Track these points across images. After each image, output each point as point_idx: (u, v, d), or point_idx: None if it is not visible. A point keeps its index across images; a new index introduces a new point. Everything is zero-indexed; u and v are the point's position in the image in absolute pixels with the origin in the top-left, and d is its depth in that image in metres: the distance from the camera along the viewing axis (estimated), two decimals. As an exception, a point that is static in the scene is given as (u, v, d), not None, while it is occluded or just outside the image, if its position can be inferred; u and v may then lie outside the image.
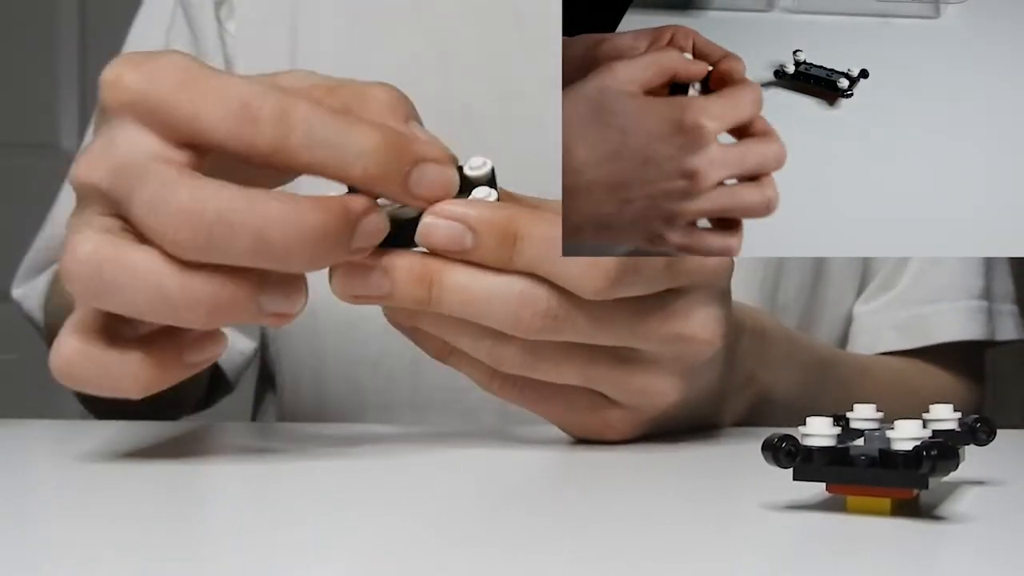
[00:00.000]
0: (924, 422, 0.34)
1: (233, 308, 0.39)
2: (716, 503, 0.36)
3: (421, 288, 0.41)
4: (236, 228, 0.37)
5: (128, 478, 0.39)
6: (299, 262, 0.38)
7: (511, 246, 0.40)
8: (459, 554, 0.28)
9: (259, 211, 0.37)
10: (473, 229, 0.40)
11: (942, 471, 0.31)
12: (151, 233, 0.38)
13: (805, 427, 0.32)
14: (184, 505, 0.36)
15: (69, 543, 0.29)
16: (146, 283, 0.38)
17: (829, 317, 0.72)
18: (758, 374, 0.54)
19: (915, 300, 0.72)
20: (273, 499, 0.36)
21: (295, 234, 0.37)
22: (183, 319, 0.39)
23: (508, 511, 0.34)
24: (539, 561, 0.28)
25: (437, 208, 0.40)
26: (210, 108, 0.38)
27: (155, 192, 0.38)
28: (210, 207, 0.37)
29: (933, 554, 0.29)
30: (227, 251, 0.37)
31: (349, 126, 0.39)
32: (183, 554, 0.28)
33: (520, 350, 0.42)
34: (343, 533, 0.31)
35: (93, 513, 0.34)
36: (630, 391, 0.45)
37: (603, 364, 0.44)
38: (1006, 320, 0.74)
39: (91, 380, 0.40)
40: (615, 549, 0.29)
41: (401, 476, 0.40)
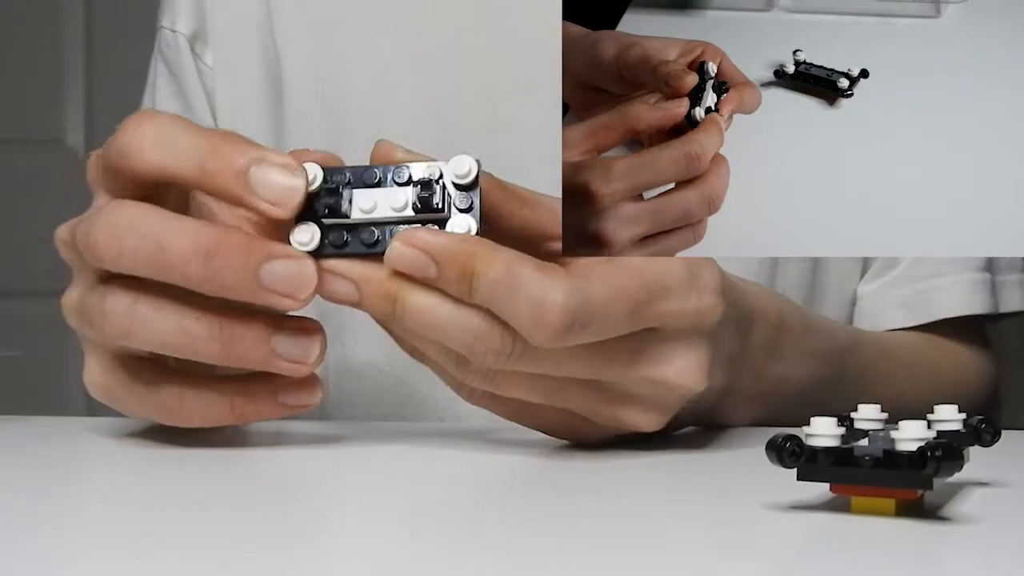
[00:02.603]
0: (928, 423, 0.34)
1: (246, 344, 0.42)
2: (720, 503, 0.37)
3: (386, 304, 0.41)
4: (144, 237, 0.41)
5: (135, 472, 0.40)
6: (196, 272, 0.41)
7: (468, 282, 0.40)
8: (459, 555, 0.28)
9: (164, 223, 0.41)
10: (436, 261, 0.40)
11: (946, 472, 0.31)
12: (88, 257, 0.42)
13: (809, 427, 0.32)
14: (187, 496, 0.36)
15: (84, 535, 0.29)
16: (168, 318, 0.42)
17: (832, 301, 0.71)
18: (768, 369, 0.53)
19: (918, 276, 0.71)
20: (276, 494, 0.37)
21: (190, 246, 0.41)
22: (202, 352, 0.42)
23: (509, 512, 0.34)
24: (540, 561, 0.28)
25: (406, 235, 0.41)
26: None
27: (91, 216, 0.43)
28: (125, 219, 0.42)
29: (937, 555, 0.29)
30: (135, 258, 0.41)
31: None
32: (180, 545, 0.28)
33: (483, 371, 0.42)
34: (339, 530, 0.31)
35: (106, 506, 0.34)
36: (603, 418, 0.44)
37: (573, 391, 0.43)
38: (1012, 290, 0.73)
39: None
40: (618, 549, 0.29)
41: (413, 472, 0.41)
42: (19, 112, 2.04)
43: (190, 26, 0.74)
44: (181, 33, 0.74)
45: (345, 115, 0.70)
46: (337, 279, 0.42)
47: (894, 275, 0.71)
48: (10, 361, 1.88)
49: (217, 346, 0.42)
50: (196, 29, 0.74)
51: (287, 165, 0.42)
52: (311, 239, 0.41)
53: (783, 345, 0.53)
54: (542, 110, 0.66)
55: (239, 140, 0.43)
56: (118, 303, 0.42)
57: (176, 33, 0.75)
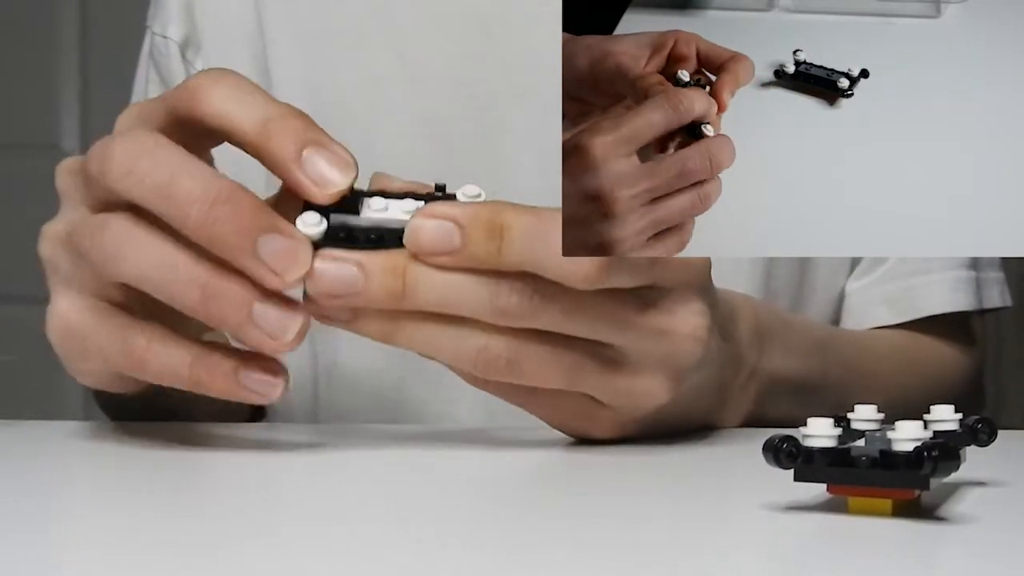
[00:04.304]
0: (925, 423, 0.34)
1: (226, 298, 0.41)
2: (717, 504, 0.36)
3: (395, 279, 0.41)
4: (159, 163, 0.41)
5: (130, 475, 0.40)
6: (197, 215, 0.40)
7: (499, 238, 0.40)
8: (460, 554, 0.28)
9: (183, 158, 0.41)
10: (461, 226, 0.41)
11: (943, 472, 0.31)
12: (96, 171, 0.42)
13: (806, 428, 0.32)
14: (181, 500, 0.36)
15: (78, 538, 0.29)
16: (161, 249, 0.41)
17: (821, 298, 0.72)
18: (760, 366, 0.54)
19: (903, 273, 0.72)
20: (274, 497, 0.36)
21: (200, 188, 0.40)
22: (182, 294, 0.41)
23: (509, 512, 0.34)
24: (540, 561, 0.28)
25: (424, 210, 0.41)
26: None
27: (111, 137, 0.43)
28: (150, 142, 0.41)
29: (934, 555, 0.29)
30: (143, 182, 0.41)
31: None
32: (180, 548, 0.28)
33: (504, 355, 0.42)
34: (336, 531, 0.31)
35: (102, 511, 0.34)
36: (617, 392, 0.44)
37: (589, 366, 0.43)
38: (993, 287, 0.74)
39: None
40: (616, 550, 0.29)
41: (418, 474, 0.41)
42: (14, 117, 2.04)
43: (181, 32, 0.75)
44: (172, 40, 0.75)
45: (337, 125, 0.69)
46: (339, 264, 0.41)
47: (880, 272, 0.72)
48: (7, 366, 1.88)
49: (198, 293, 0.41)
50: (187, 35, 0.75)
51: (342, 159, 0.42)
52: (318, 223, 0.41)
53: (764, 340, 0.54)
54: (535, 116, 0.66)
55: (306, 117, 0.43)
56: (117, 223, 0.42)
57: (168, 40, 0.75)
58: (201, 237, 0.41)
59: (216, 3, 0.74)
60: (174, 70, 0.75)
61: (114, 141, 0.42)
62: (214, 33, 0.74)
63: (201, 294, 0.41)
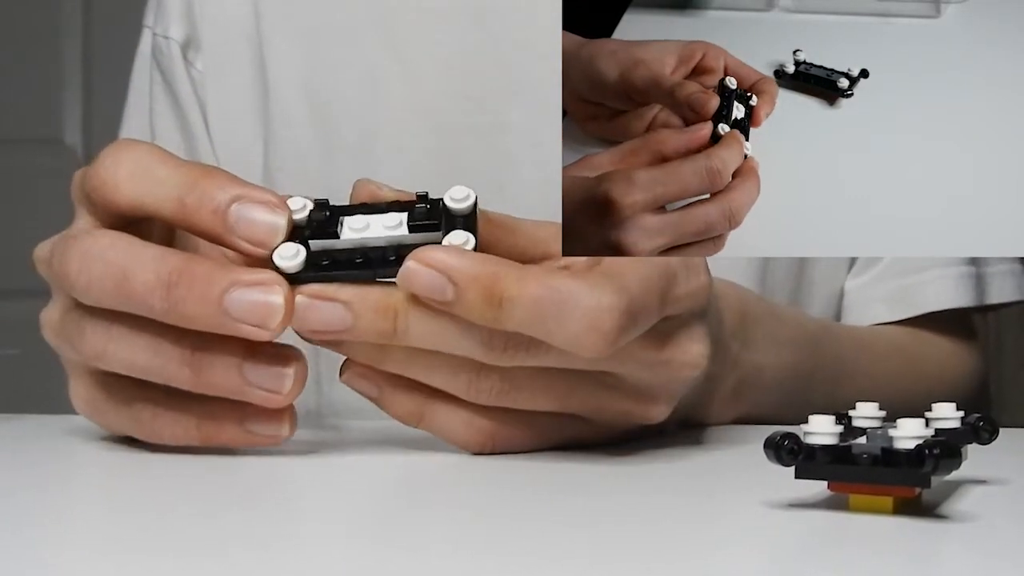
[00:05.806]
0: (927, 421, 0.34)
1: (217, 371, 0.41)
2: (718, 501, 0.37)
3: (385, 320, 0.40)
4: (110, 265, 0.40)
5: (131, 470, 0.40)
6: (159, 303, 0.39)
7: (497, 307, 0.38)
8: (460, 554, 0.28)
9: (129, 252, 0.40)
10: (455, 283, 0.38)
11: (944, 470, 0.31)
12: (57, 278, 0.42)
13: (807, 425, 0.32)
14: (182, 496, 0.36)
15: (79, 533, 0.29)
16: (143, 341, 0.41)
17: (820, 295, 0.72)
18: (742, 356, 0.53)
19: (903, 270, 0.71)
20: (274, 496, 0.37)
21: (153, 276, 0.39)
22: (174, 377, 0.41)
23: (509, 512, 0.34)
24: (537, 561, 0.28)
25: (419, 254, 0.39)
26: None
27: (67, 241, 0.42)
28: (96, 248, 0.41)
29: (935, 553, 0.29)
30: (102, 288, 0.40)
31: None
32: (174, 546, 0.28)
33: (499, 380, 0.41)
34: (336, 531, 0.31)
35: (103, 506, 0.34)
36: (612, 414, 0.44)
37: (584, 392, 0.42)
38: (1003, 280, 0.73)
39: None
40: (617, 548, 0.29)
41: (398, 473, 0.41)
42: (17, 111, 2.04)
43: (182, 33, 0.75)
44: (174, 40, 0.75)
45: (335, 122, 0.70)
46: (324, 304, 0.40)
47: (880, 270, 0.72)
48: (8, 359, 1.88)
49: (188, 371, 0.41)
50: (188, 35, 0.75)
51: (269, 202, 0.40)
52: (295, 254, 0.40)
53: (750, 331, 0.54)
54: (534, 113, 0.66)
55: (220, 175, 0.41)
56: (95, 325, 0.41)
57: (169, 40, 0.75)
58: (173, 321, 0.40)
59: (215, 3, 0.74)
60: (176, 70, 0.75)
61: (67, 254, 0.41)
62: (213, 33, 0.74)
63: (191, 370, 0.41)
